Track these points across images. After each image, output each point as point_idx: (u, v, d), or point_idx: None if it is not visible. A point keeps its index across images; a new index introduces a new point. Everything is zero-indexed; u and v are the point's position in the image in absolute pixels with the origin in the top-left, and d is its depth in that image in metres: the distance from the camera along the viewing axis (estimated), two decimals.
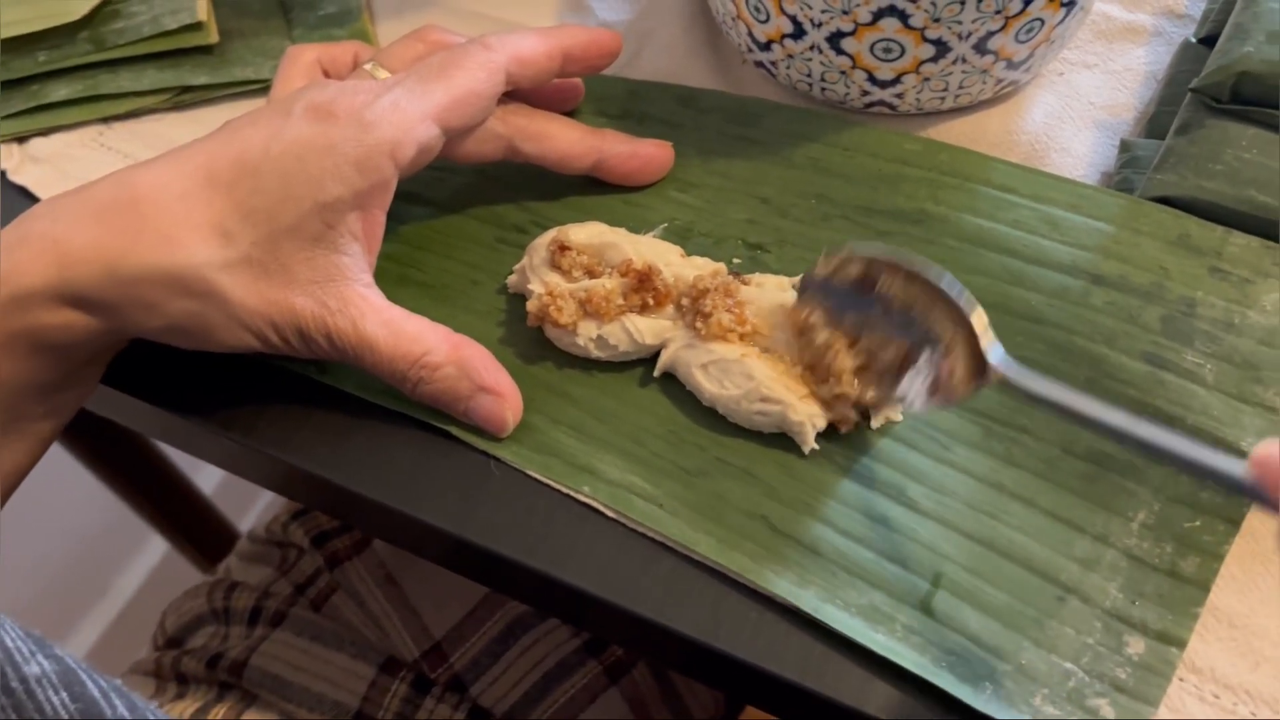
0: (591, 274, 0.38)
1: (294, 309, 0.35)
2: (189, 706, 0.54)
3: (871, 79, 0.41)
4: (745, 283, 0.37)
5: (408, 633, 0.55)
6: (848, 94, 0.42)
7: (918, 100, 0.42)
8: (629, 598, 0.34)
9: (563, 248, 0.38)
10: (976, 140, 0.43)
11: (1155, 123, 0.41)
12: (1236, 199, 0.37)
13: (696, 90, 0.45)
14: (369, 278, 0.36)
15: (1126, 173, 0.40)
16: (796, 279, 0.38)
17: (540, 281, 0.38)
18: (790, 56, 0.42)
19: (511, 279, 0.40)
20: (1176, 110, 0.40)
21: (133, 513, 0.89)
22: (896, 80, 0.41)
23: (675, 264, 0.38)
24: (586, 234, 0.39)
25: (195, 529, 0.93)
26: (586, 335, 0.37)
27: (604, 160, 0.41)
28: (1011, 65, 0.41)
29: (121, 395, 0.39)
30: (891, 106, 0.42)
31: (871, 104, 0.42)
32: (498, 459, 0.36)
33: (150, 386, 0.39)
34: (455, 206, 0.43)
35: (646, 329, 0.37)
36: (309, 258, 0.35)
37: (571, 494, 0.35)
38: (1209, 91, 0.39)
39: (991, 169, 0.40)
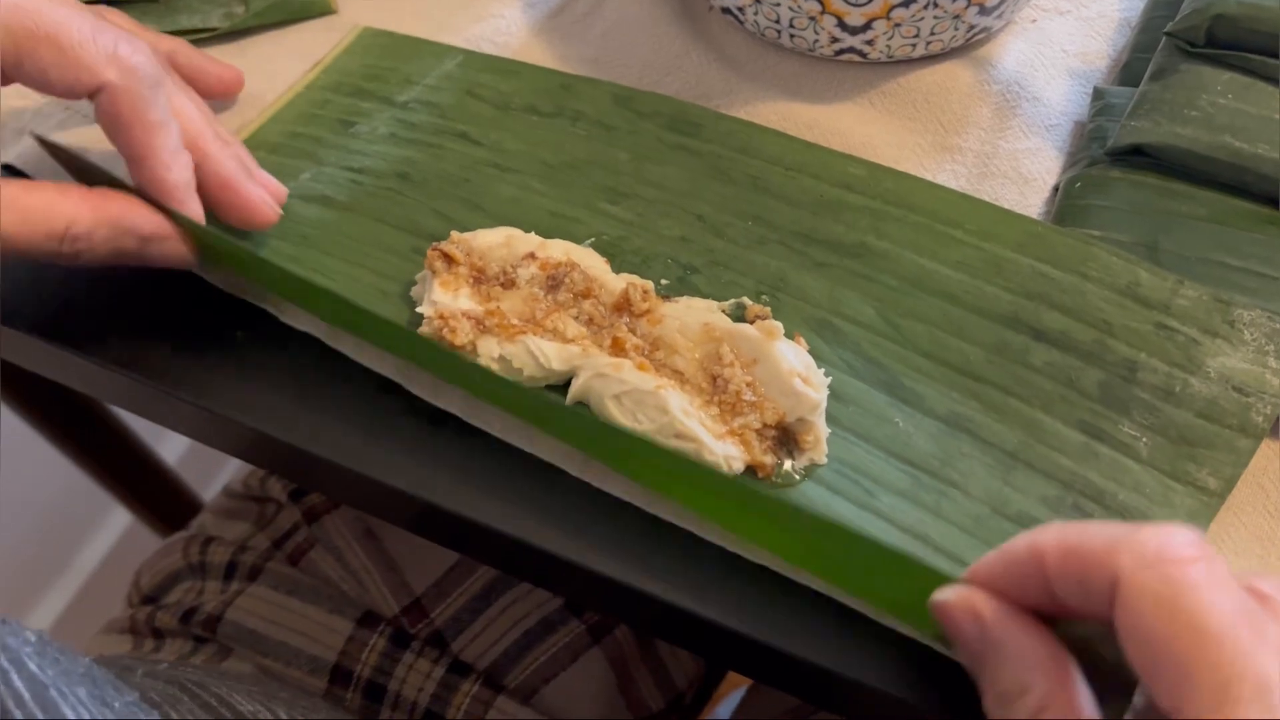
0: (504, 284, 0.36)
1: None
2: (165, 658, 0.54)
3: (841, 25, 0.40)
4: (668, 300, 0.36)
5: (387, 588, 0.55)
6: (817, 40, 0.41)
7: (888, 47, 0.41)
8: (598, 561, 0.33)
9: (446, 258, 0.36)
10: (949, 90, 0.42)
11: (1129, 70, 0.41)
12: (1211, 145, 0.36)
13: (634, 91, 0.42)
14: None
15: (1100, 120, 0.39)
16: (726, 303, 0.36)
17: (430, 301, 0.36)
18: (758, 2, 0.41)
19: (415, 289, 0.37)
20: (1151, 57, 0.39)
21: (94, 484, 0.88)
22: (867, 26, 0.40)
23: (601, 275, 0.36)
24: (495, 238, 0.36)
25: (159, 499, 0.92)
26: (488, 355, 0.34)
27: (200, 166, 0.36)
28: (984, 11, 0.40)
29: (69, 355, 0.39)
30: (862, 54, 0.41)
31: (841, 51, 0.41)
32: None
33: (96, 343, 0.38)
34: (370, 211, 0.40)
35: (553, 354, 0.34)
36: None
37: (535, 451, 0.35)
38: (1184, 36, 0.38)
39: (937, 199, 0.38)
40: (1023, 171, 0.40)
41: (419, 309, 0.36)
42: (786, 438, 0.34)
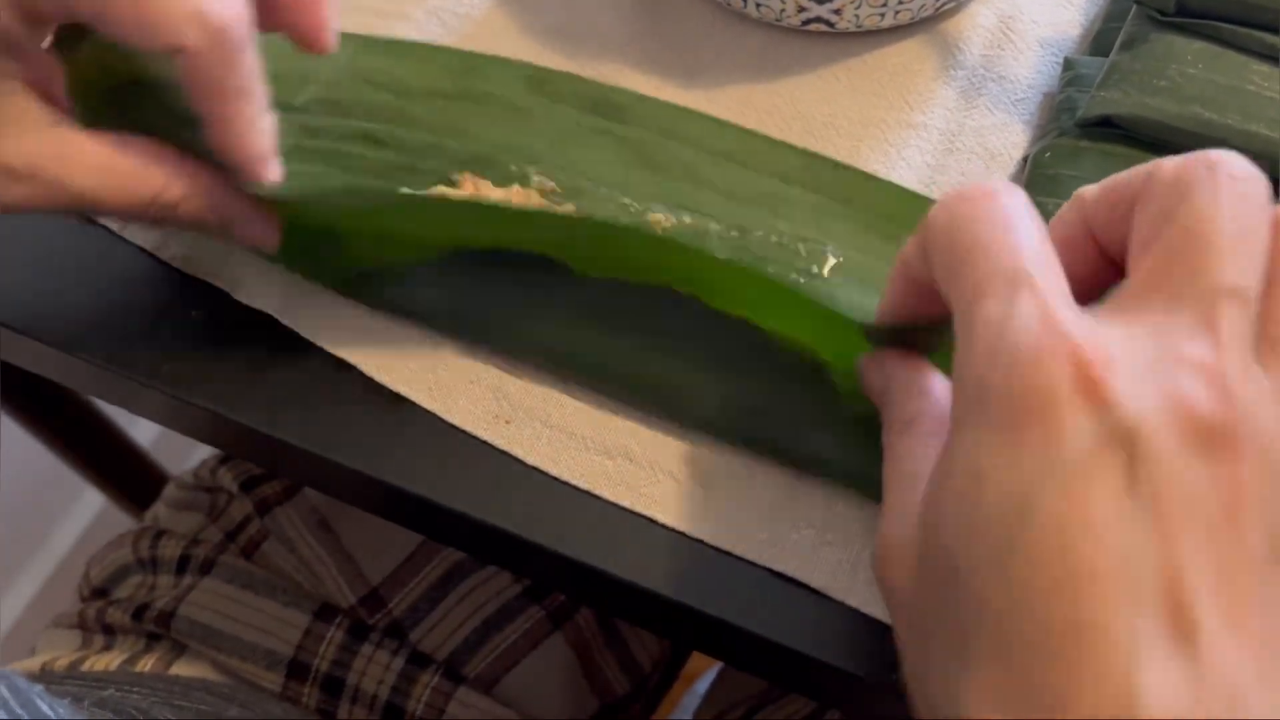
0: None
1: None
2: (116, 658, 0.52)
3: None
4: None
5: (343, 579, 0.54)
6: (783, 10, 0.40)
7: (856, 16, 0.40)
8: (557, 540, 0.33)
9: None
10: (916, 63, 0.41)
11: (1100, 39, 0.40)
12: (1180, 116, 0.36)
13: (550, 72, 0.39)
14: (55, 114, 0.31)
15: (1070, 91, 0.39)
16: None
17: None
18: None
19: None
20: (1122, 26, 0.39)
21: (63, 468, 0.87)
22: None
23: None
24: None
25: (132, 481, 0.91)
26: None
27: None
28: None
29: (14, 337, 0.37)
30: (829, 23, 0.41)
31: (808, 20, 0.41)
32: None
33: (44, 325, 0.37)
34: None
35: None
36: None
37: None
38: (1154, 4, 0.37)
39: (880, 193, 0.36)
40: (989, 147, 0.39)
41: None
42: None
